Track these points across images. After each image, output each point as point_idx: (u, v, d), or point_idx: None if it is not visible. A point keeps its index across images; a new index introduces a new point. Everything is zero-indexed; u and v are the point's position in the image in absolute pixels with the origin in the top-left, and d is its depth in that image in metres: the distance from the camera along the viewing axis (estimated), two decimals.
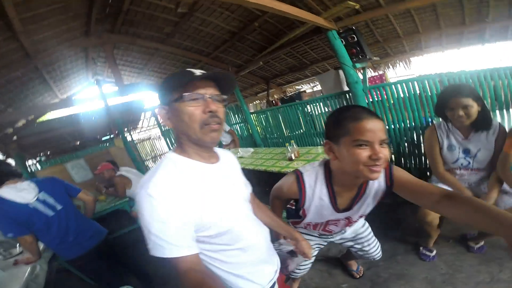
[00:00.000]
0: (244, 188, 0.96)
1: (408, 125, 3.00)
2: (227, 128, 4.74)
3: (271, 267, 0.96)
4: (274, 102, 7.72)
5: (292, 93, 7.60)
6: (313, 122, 4.46)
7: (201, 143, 0.78)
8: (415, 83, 2.81)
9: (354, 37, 3.36)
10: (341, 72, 5.22)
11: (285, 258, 1.12)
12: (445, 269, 1.82)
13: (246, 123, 5.89)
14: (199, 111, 0.74)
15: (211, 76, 0.78)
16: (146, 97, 9.67)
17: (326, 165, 1.08)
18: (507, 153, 1.49)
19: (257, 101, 8.83)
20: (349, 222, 1.23)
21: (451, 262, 1.86)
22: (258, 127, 5.74)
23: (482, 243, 1.87)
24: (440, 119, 1.79)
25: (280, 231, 1.14)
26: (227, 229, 0.79)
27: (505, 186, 1.60)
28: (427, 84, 2.71)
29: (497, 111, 2.30)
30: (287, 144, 2.69)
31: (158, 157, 8.43)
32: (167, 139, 6.18)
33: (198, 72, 0.77)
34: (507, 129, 1.58)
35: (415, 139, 3.00)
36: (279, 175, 2.07)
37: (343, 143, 0.88)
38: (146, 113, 8.53)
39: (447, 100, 1.60)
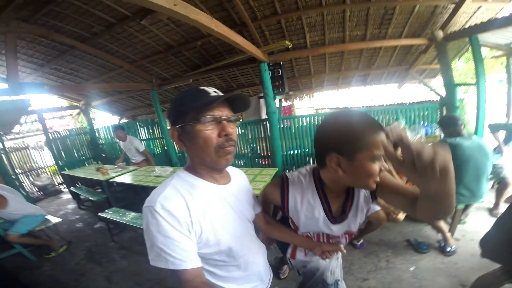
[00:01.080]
0: (249, 209, 0.97)
1: (308, 151, 4.03)
2: (142, 148, 4.51)
3: (263, 286, 0.98)
4: None
5: None
6: None
7: (215, 166, 0.80)
8: (317, 117, 3.95)
9: (279, 72, 4.08)
10: (261, 100, 5.99)
11: (317, 275, 1.11)
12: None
13: (162, 139, 5.69)
14: (215, 135, 0.75)
15: (229, 97, 0.77)
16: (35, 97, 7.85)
17: (314, 173, 1.02)
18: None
19: None
20: (349, 235, 1.14)
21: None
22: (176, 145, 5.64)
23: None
24: None
25: (295, 242, 1.13)
26: (227, 248, 0.81)
27: None
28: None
29: None
30: None
31: (34, 172, 6.85)
32: (53, 151, 5.26)
33: (212, 91, 0.78)
34: None
35: (313, 163, 3.92)
36: None
37: (359, 158, 0.78)
38: (28, 116, 6.90)
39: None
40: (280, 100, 6.50)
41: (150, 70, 5.14)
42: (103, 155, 6.77)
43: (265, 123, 4.48)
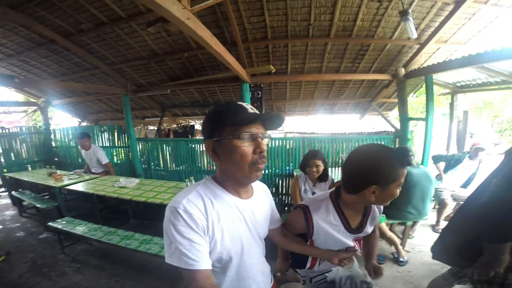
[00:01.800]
0: (264, 226, 1.01)
1: (278, 172, 4.35)
2: (105, 160, 4.31)
3: None
4: (165, 131, 7.63)
5: (186, 125, 7.84)
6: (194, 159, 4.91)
7: (246, 181, 0.85)
8: (286, 140, 4.35)
9: (259, 93, 4.38)
10: None
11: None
12: None
13: (127, 148, 5.48)
14: (250, 151, 0.79)
15: (266, 116, 0.82)
16: None
17: (331, 196, 1.16)
18: None
19: (141, 126, 8.36)
20: (359, 241, 1.26)
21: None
22: (142, 156, 5.42)
23: None
24: (301, 172, 2.62)
25: (313, 253, 1.19)
26: (228, 258, 0.85)
27: None
28: (294, 143, 4.29)
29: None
30: (187, 179, 2.92)
31: None
32: None
33: (249, 108, 0.83)
34: (335, 181, 2.64)
35: (280, 183, 4.34)
36: (156, 207, 2.51)
37: (391, 187, 0.95)
38: None
39: (308, 160, 2.46)
40: None
41: (127, 75, 5.07)
42: (56, 159, 6.20)
43: None
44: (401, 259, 2.81)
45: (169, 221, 0.75)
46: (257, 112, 0.84)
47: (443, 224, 3.44)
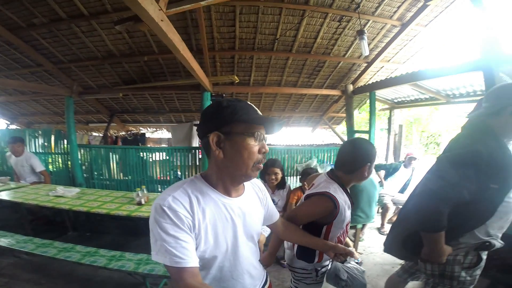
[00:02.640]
0: (258, 223, 0.99)
1: None
2: (40, 168, 3.81)
3: None
4: (112, 139, 7.10)
5: (137, 133, 7.42)
6: (146, 169, 4.67)
7: (246, 179, 0.87)
8: None
9: None
10: (195, 128, 6.03)
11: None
12: (277, 281, 2.60)
13: (66, 155, 4.95)
14: (256, 150, 0.82)
15: (276, 121, 0.87)
16: None
17: (332, 177, 1.37)
18: (291, 202, 2.82)
19: (84, 132, 7.64)
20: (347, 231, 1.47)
21: (277, 275, 2.68)
22: (84, 164, 4.95)
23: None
24: (260, 180, 2.68)
25: (314, 243, 1.24)
26: (211, 257, 0.84)
27: None
28: None
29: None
30: (138, 188, 2.82)
31: None
32: None
33: (258, 110, 0.86)
34: (291, 188, 2.93)
35: None
36: (128, 219, 2.48)
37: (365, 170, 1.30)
38: None
39: (267, 168, 2.63)
40: None
41: (75, 75, 4.70)
42: None
43: (195, 151, 4.57)
44: (355, 261, 3.12)
45: (154, 219, 0.74)
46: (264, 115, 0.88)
47: (387, 226, 3.89)
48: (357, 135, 4.78)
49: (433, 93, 4.11)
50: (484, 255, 1.28)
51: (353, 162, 1.31)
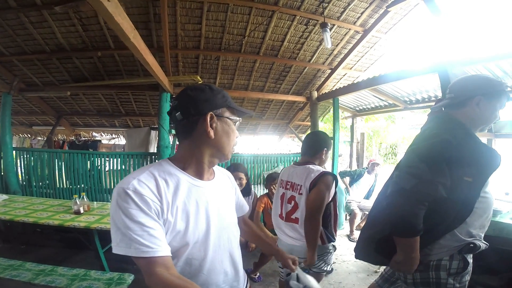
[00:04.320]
0: (231, 210, 0.98)
1: None
2: None
3: None
4: (59, 143, 6.47)
5: (88, 139, 6.85)
6: (100, 177, 4.35)
7: (224, 159, 0.91)
8: None
9: None
10: (153, 132, 5.79)
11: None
12: None
13: None
14: (235, 135, 0.90)
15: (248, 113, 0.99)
16: None
17: (304, 163, 1.76)
18: (257, 211, 2.77)
19: (25, 135, 6.86)
20: None
21: None
22: (20, 170, 4.45)
23: (258, 274, 2.92)
24: None
25: (266, 248, 1.27)
26: (184, 242, 0.78)
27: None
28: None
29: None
30: (75, 196, 2.62)
31: None
32: None
33: None
34: (258, 195, 2.90)
35: None
36: (74, 231, 2.39)
37: (323, 154, 1.77)
38: None
39: (231, 173, 2.71)
40: (174, 136, 6.48)
41: (16, 70, 4.21)
42: None
43: (153, 157, 4.31)
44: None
45: (117, 204, 0.69)
46: None
47: (356, 233, 3.96)
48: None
49: (392, 99, 4.38)
50: (470, 259, 1.18)
51: (315, 146, 1.75)
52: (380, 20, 3.84)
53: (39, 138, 7.03)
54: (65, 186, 4.31)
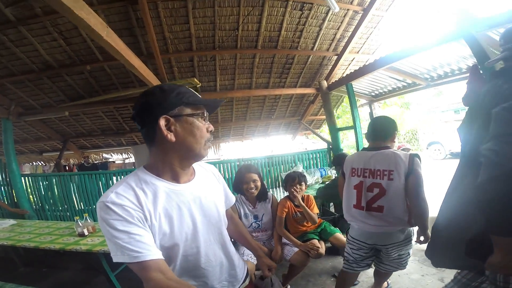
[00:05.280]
0: (218, 207, 0.97)
1: None
2: None
3: None
4: (68, 167, 6.41)
5: (97, 161, 6.76)
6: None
7: (198, 158, 0.89)
8: (224, 164, 4.25)
9: None
10: None
11: None
12: None
13: (9, 186, 4.38)
14: (205, 129, 0.86)
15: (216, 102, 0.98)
16: None
17: (378, 147, 1.79)
18: (280, 216, 2.31)
19: (39, 162, 6.89)
20: None
21: None
22: (31, 195, 4.49)
23: (288, 286, 2.49)
24: (237, 194, 2.30)
25: (248, 247, 1.29)
26: (172, 244, 0.81)
27: (284, 239, 2.32)
28: (230, 165, 4.20)
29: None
30: (77, 217, 2.50)
31: None
32: None
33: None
34: (277, 199, 2.43)
35: None
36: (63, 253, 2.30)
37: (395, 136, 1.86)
38: None
39: (242, 176, 2.20)
40: None
41: (11, 94, 4.11)
42: None
43: None
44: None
45: (101, 218, 0.73)
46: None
47: None
48: (341, 133, 4.53)
49: (411, 77, 3.88)
50: None
51: (386, 130, 1.79)
52: None
53: (51, 164, 7.05)
54: (77, 208, 4.28)
